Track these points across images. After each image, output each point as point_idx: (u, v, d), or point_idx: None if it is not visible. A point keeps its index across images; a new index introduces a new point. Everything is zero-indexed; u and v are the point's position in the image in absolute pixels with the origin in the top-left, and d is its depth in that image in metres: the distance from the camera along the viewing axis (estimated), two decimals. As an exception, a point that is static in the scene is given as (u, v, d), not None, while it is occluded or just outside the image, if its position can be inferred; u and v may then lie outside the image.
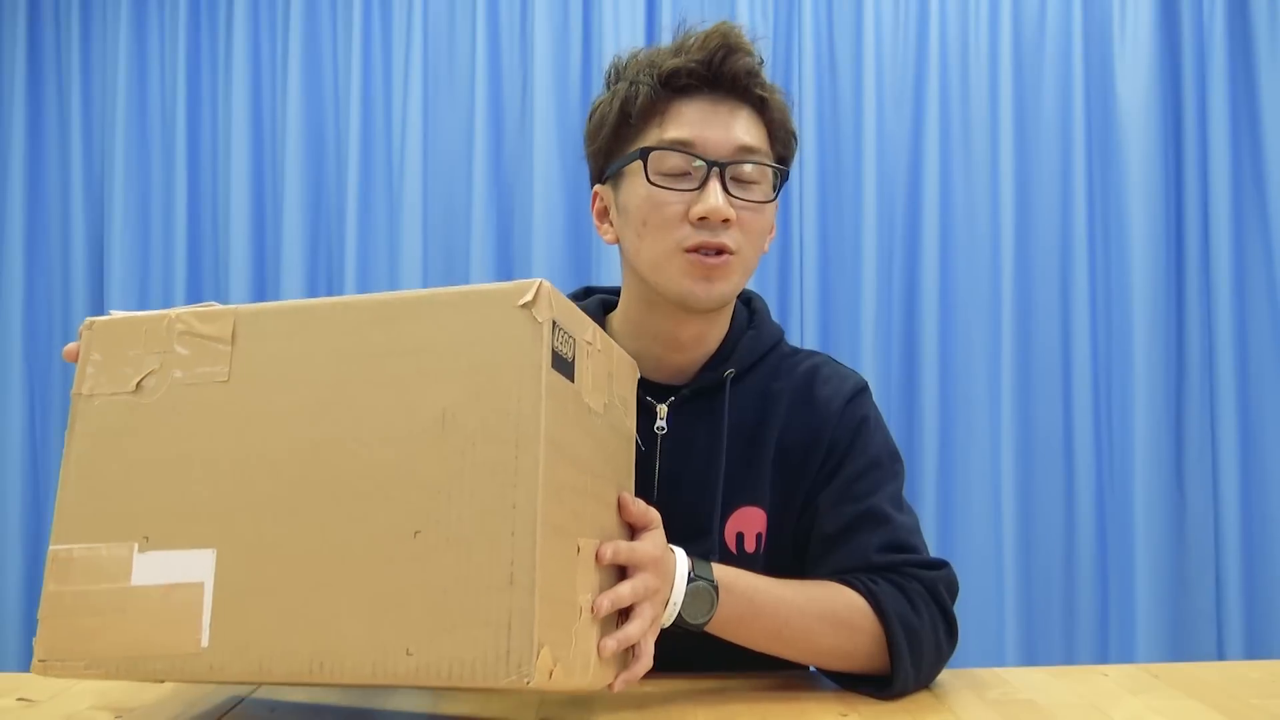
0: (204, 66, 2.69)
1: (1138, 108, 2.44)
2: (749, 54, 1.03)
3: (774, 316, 1.20)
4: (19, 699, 0.95)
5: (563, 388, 0.69)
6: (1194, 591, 2.40)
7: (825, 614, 0.96)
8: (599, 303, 1.16)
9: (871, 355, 2.45)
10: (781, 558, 1.09)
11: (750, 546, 1.07)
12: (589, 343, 0.75)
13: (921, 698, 0.96)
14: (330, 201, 2.65)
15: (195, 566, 0.68)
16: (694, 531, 1.06)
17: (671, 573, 0.87)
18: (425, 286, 2.56)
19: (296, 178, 2.61)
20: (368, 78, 2.62)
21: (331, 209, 2.65)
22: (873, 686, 0.96)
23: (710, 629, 0.91)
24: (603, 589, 0.78)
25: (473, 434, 0.65)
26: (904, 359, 2.51)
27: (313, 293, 2.63)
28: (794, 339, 2.45)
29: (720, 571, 0.92)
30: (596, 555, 0.76)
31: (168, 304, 2.62)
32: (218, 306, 0.73)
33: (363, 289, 2.57)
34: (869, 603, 0.96)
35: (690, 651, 1.04)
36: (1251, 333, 2.42)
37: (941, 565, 1.01)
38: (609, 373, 0.81)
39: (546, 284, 0.67)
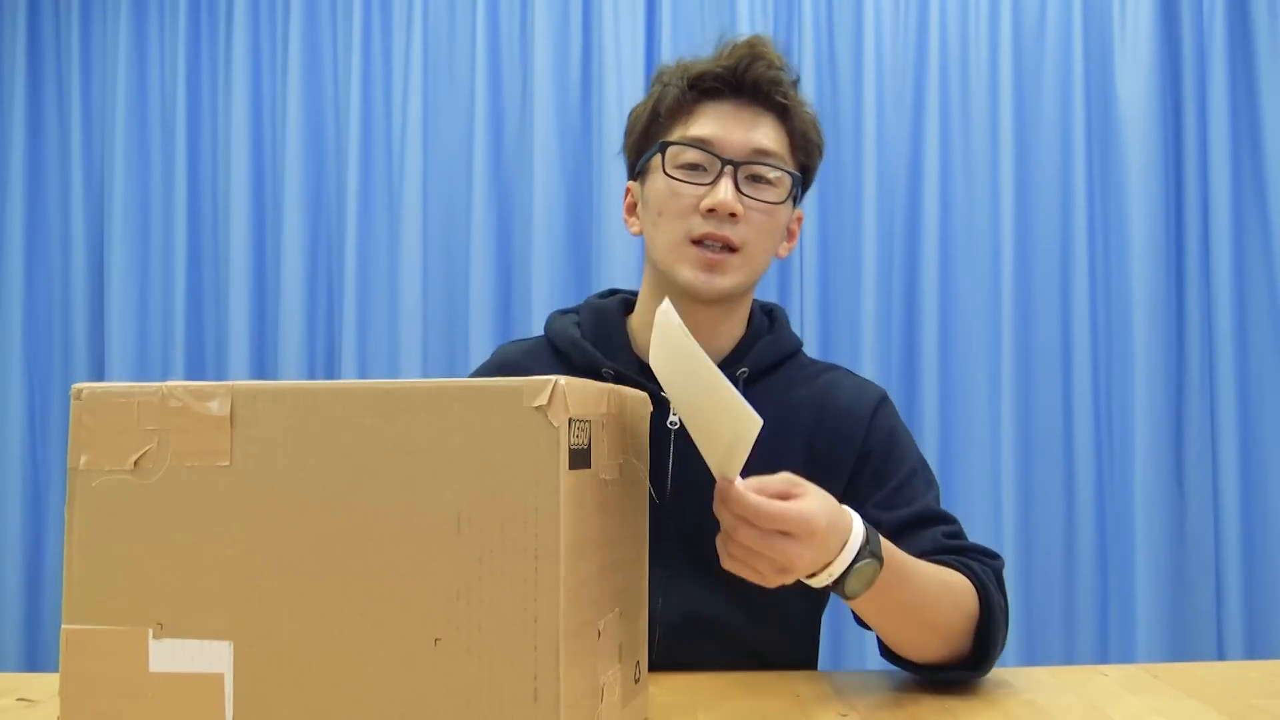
0: (204, 66, 2.69)
1: (1138, 108, 2.44)
2: (775, 64, 1.08)
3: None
4: (19, 699, 0.95)
5: (580, 481, 0.68)
6: (1194, 591, 2.40)
7: (948, 588, 0.97)
8: (621, 302, 1.20)
9: (871, 355, 2.45)
10: None
11: None
12: (603, 414, 0.73)
13: (921, 698, 0.96)
14: (330, 201, 2.65)
15: (213, 658, 0.67)
16: (707, 529, 1.06)
17: (836, 539, 0.84)
18: (425, 286, 2.57)
19: (296, 178, 2.61)
20: (368, 78, 2.61)
21: (331, 209, 2.65)
22: (960, 670, 0.98)
23: (853, 601, 0.89)
24: (623, 654, 0.77)
25: (489, 540, 0.64)
26: (904, 359, 2.50)
27: (313, 293, 2.63)
28: (794, 339, 2.46)
29: (887, 552, 0.90)
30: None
31: (168, 304, 2.63)
32: (211, 384, 0.71)
33: (362, 289, 2.57)
34: (970, 579, 0.98)
35: (690, 651, 1.04)
36: (1251, 333, 2.42)
37: (999, 557, 1.06)
38: (623, 428, 0.79)
39: (560, 382, 0.64)
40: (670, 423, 1.08)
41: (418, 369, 2.53)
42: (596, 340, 1.14)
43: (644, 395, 0.88)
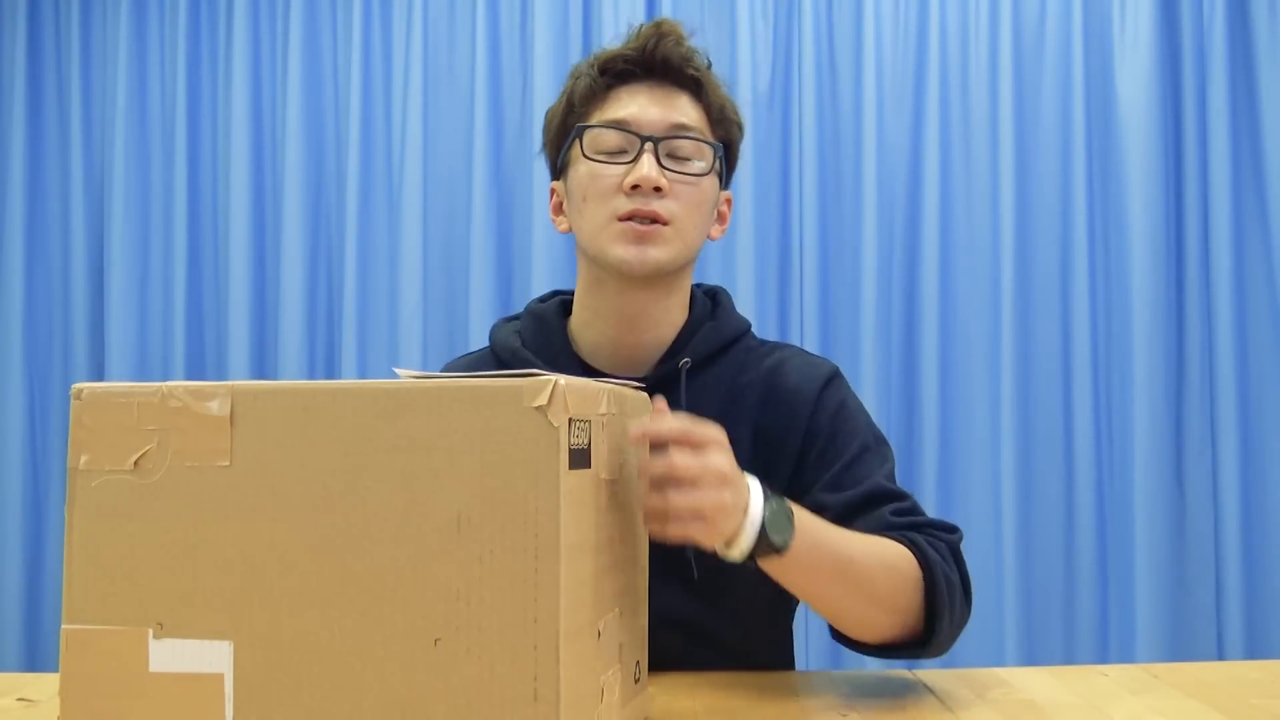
0: (204, 66, 2.69)
1: (1138, 108, 2.44)
2: (682, 41, 1.07)
3: (774, 317, 1.22)
4: (19, 699, 0.95)
5: (581, 481, 0.68)
6: (1194, 591, 2.40)
7: (880, 555, 0.93)
8: (560, 305, 1.18)
9: (871, 355, 2.45)
10: None
11: None
12: (602, 414, 0.73)
13: (921, 698, 0.96)
14: (330, 201, 2.65)
15: (213, 658, 0.67)
16: None
17: (743, 488, 0.82)
18: (425, 286, 2.57)
19: (296, 178, 2.61)
20: (368, 78, 2.62)
21: (331, 209, 2.65)
22: (909, 647, 0.96)
23: (785, 561, 0.85)
24: (623, 654, 0.77)
25: (489, 540, 0.64)
26: (904, 359, 2.51)
27: (313, 293, 2.63)
28: (794, 339, 2.46)
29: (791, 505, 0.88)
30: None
31: (167, 304, 2.63)
32: (211, 384, 0.71)
33: (363, 289, 2.57)
34: (912, 551, 0.95)
35: (664, 651, 1.04)
36: (1251, 333, 2.42)
37: (956, 530, 1.02)
38: (623, 428, 0.79)
39: (560, 382, 0.64)
40: None
41: (417, 368, 2.53)
42: (537, 348, 1.12)
43: (644, 395, 0.88)
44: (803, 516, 0.87)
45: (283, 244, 2.59)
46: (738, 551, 0.82)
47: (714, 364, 1.11)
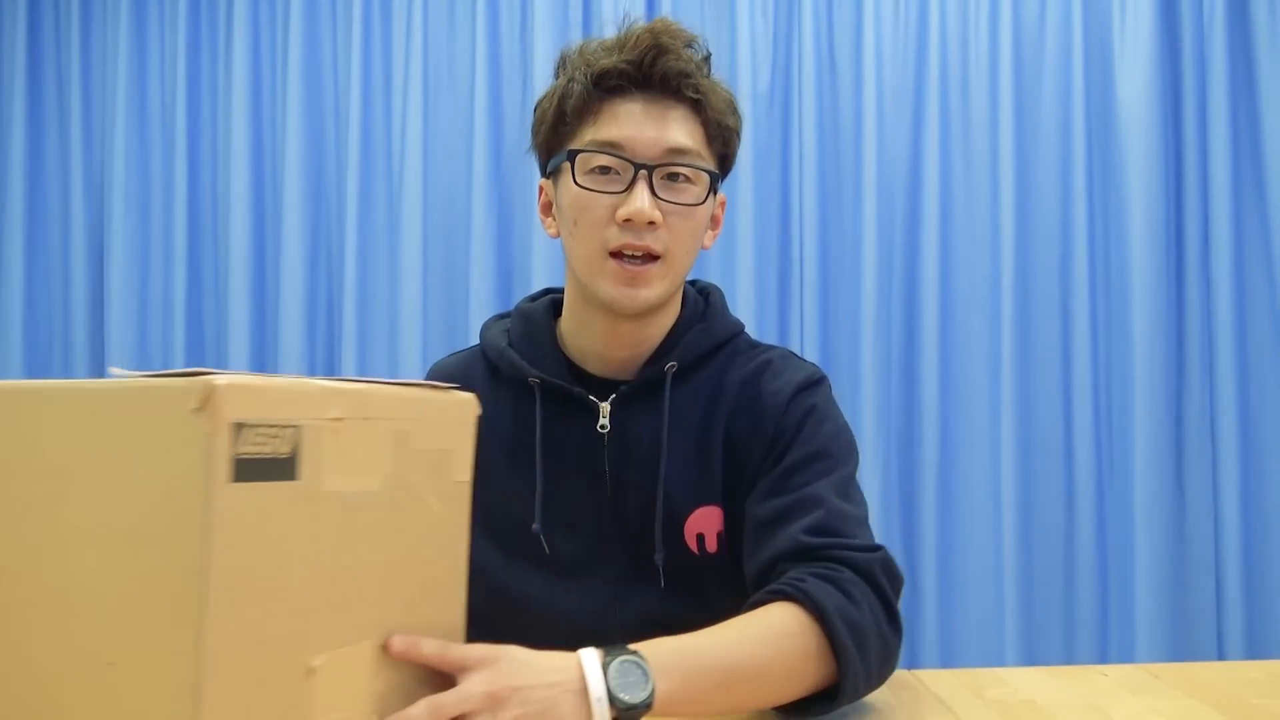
0: (204, 66, 2.69)
1: (1138, 108, 2.44)
2: (681, 54, 1.02)
3: (774, 318, 1.20)
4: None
5: (264, 496, 0.60)
6: (1194, 591, 2.40)
7: (766, 635, 0.85)
8: (550, 304, 1.16)
9: (871, 356, 2.45)
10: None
11: (712, 546, 1.05)
12: (334, 419, 0.65)
13: (922, 698, 0.96)
14: (330, 201, 2.65)
15: None
16: (646, 534, 1.05)
17: (544, 677, 0.75)
18: (425, 286, 2.57)
19: (296, 178, 2.61)
20: (368, 78, 2.62)
21: (331, 209, 2.65)
22: (824, 701, 0.86)
23: (661, 708, 0.77)
24: (382, 692, 0.70)
25: (156, 557, 0.58)
26: (904, 360, 2.50)
27: (313, 293, 2.63)
28: (794, 340, 2.46)
29: (639, 647, 0.80)
30: (385, 647, 0.69)
31: (167, 303, 2.63)
32: None
33: (363, 290, 2.57)
34: (801, 604, 0.86)
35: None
36: (1251, 333, 2.42)
37: (876, 549, 0.93)
38: (395, 435, 0.71)
39: (230, 381, 0.58)
40: (600, 426, 1.04)
41: (418, 369, 2.53)
42: (525, 348, 1.10)
43: (466, 397, 0.79)
44: (663, 652, 0.79)
45: (283, 244, 2.59)
46: None
47: (703, 367, 1.09)
